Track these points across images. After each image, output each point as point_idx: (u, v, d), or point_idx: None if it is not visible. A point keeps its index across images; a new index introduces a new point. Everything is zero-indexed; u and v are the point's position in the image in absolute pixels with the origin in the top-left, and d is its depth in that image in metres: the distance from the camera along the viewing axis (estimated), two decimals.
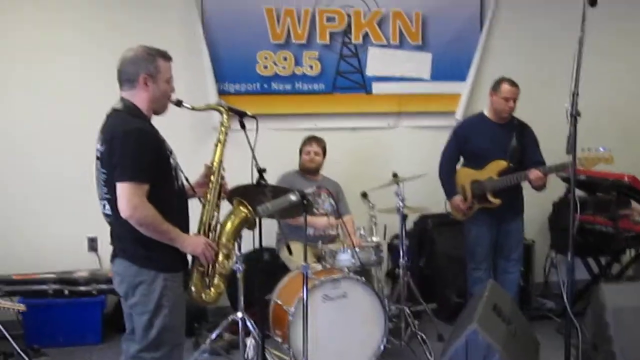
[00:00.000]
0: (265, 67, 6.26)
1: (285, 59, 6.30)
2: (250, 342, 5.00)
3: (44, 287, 5.63)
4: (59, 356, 5.23)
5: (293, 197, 3.75)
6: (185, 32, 6.02)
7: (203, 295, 3.47)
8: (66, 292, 5.65)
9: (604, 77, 6.68)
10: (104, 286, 5.68)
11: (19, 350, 4.66)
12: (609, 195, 5.74)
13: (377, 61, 6.53)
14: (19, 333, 5.31)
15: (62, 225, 6.00)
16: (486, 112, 5.55)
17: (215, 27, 6.11)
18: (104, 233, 5.69)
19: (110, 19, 5.95)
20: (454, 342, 3.06)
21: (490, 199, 5.36)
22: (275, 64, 6.28)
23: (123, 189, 3.13)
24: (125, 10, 5.99)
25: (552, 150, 5.25)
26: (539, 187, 5.26)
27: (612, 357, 3.47)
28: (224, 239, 3.51)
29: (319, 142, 5.87)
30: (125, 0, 6.01)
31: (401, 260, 5.34)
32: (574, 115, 3.56)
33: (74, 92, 5.95)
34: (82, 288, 5.68)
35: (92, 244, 6.08)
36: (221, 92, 6.09)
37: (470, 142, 5.53)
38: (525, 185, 5.44)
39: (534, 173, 5.15)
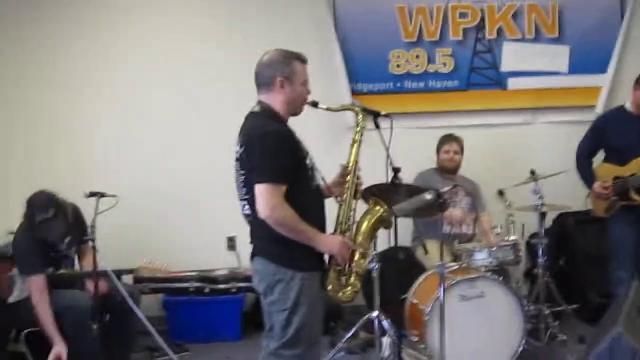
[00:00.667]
0: (398, 66, 6.27)
1: (417, 57, 6.29)
2: (385, 341, 5.02)
3: (185, 284, 5.84)
4: (199, 352, 5.39)
5: (429, 196, 3.72)
6: (318, 34, 6.12)
7: (340, 294, 3.47)
8: (207, 290, 5.83)
9: None
10: (242, 284, 5.83)
11: (164, 345, 4.82)
12: None
13: (513, 56, 6.42)
14: (163, 329, 5.50)
15: (203, 225, 6.23)
16: (628, 106, 5.33)
17: (348, 28, 6.18)
18: (242, 232, 5.89)
19: (246, 28, 6.14)
20: (597, 345, 2.96)
21: (634, 196, 5.15)
22: (407, 62, 6.28)
23: (261, 190, 3.19)
24: (260, 17, 6.16)
25: None
26: None
27: None
28: (360, 238, 3.51)
29: (458, 140, 5.80)
30: (260, 7, 6.17)
31: (540, 259, 5.21)
32: None
33: (213, 98, 6.18)
34: (222, 286, 5.85)
35: (231, 243, 6.27)
36: (354, 92, 6.15)
37: (611, 137, 5.33)
38: None
39: None
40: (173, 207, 6.22)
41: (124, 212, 4.72)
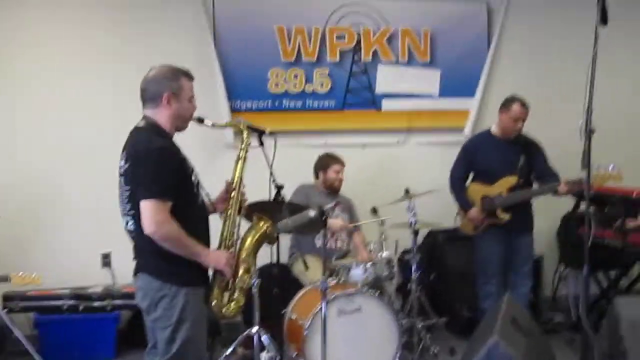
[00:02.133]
0: (277, 85, 6.36)
1: (296, 76, 6.39)
2: (264, 356, 5.05)
3: (58, 302, 5.68)
4: None
5: (312, 213, 3.81)
6: (198, 50, 6.12)
7: (224, 309, 3.51)
8: (81, 307, 5.70)
9: (615, 93, 6.74)
10: (118, 302, 5.75)
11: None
12: (617, 210, 5.81)
13: (387, 78, 6.63)
14: (35, 349, 5.33)
15: (76, 241, 6.08)
16: (494, 129, 5.61)
17: (227, 46, 6.22)
18: (117, 249, 5.87)
19: (124, 45, 6.09)
20: (474, 355, 3.11)
21: (500, 214, 5.42)
22: (286, 81, 6.38)
23: (147, 207, 3.19)
24: (139, 29, 6.10)
25: (562, 167, 5.35)
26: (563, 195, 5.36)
27: None
28: (244, 254, 3.56)
29: (341, 162, 5.90)
30: (138, 19, 6.12)
31: (414, 274, 5.38)
32: (589, 131, 3.62)
33: (88, 114, 6.07)
34: (97, 304, 5.73)
35: (106, 260, 6.15)
36: (233, 110, 6.19)
37: (479, 159, 5.59)
38: (534, 199, 5.53)
39: (563, 187, 5.23)
40: (46, 221, 6.04)
41: None
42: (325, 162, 5.91)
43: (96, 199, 5.95)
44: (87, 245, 6.10)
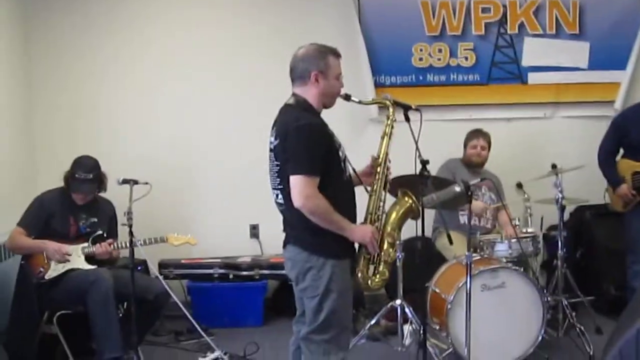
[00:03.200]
0: (421, 59, 6.38)
1: (440, 50, 6.39)
2: (407, 328, 5.13)
3: (210, 271, 5.98)
4: (224, 336, 5.47)
5: (457, 189, 3.82)
6: (343, 27, 6.21)
7: (369, 282, 3.58)
8: (230, 276, 5.97)
9: None
10: (265, 271, 5.98)
11: (198, 328, 4.92)
12: None
13: (533, 51, 6.51)
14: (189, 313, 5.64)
15: (227, 213, 6.35)
16: None
17: (372, 22, 6.29)
18: (265, 221, 6.08)
19: (272, 22, 6.29)
20: (622, 335, 3.03)
21: None
22: (430, 55, 6.39)
23: (296, 181, 3.30)
24: (286, 12, 6.29)
25: None
26: None
27: None
28: (388, 228, 3.60)
29: (485, 136, 5.88)
30: (286, 2, 6.27)
31: (559, 251, 5.29)
32: None
33: (239, 91, 6.34)
34: (245, 273, 5.98)
35: (254, 231, 6.38)
36: (377, 85, 6.27)
37: (631, 133, 5.41)
38: None
39: None
40: (197, 195, 6.36)
41: (149, 199, 4.82)
42: (467, 138, 5.91)
43: (246, 172, 6.18)
44: (237, 216, 6.37)
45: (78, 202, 4.97)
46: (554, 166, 5.30)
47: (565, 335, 5.25)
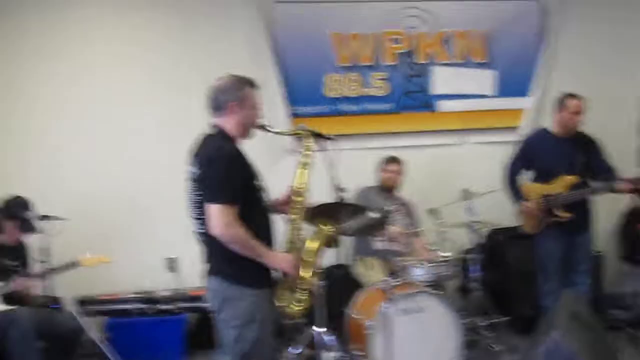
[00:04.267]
0: (333, 89, 6.47)
1: (353, 80, 6.50)
2: (328, 356, 5.15)
3: (128, 306, 5.89)
4: None
5: (375, 215, 3.89)
6: (256, 58, 6.25)
7: (290, 310, 3.62)
8: (149, 310, 5.88)
9: None
10: (185, 304, 5.91)
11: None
12: None
13: (442, 80, 6.70)
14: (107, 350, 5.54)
15: (144, 247, 6.28)
16: (551, 128, 5.60)
17: (284, 53, 6.35)
18: (184, 254, 6.03)
19: (186, 54, 6.30)
20: (535, 351, 3.15)
21: (560, 213, 5.41)
22: (342, 85, 6.48)
23: (215, 210, 3.31)
24: (197, 36, 6.31)
25: (621, 164, 5.34)
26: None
27: None
28: (308, 257, 3.65)
29: (398, 162, 5.99)
30: (199, 32, 6.30)
31: (474, 273, 5.41)
32: None
33: (155, 121, 6.34)
34: (164, 307, 5.90)
35: (173, 265, 6.32)
36: (292, 115, 6.32)
37: (538, 156, 5.58)
38: (595, 198, 5.52)
39: (622, 185, 5.21)
40: (116, 229, 6.24)
41: (67, 234, 4.75)
42: (381, 163, 6.01)
43: (162, 205, 6.13)
44: (155, 250, 6.29)
45: (5, 242, 4.86)
46: (465, 191, 5.43)
47: (483, 356, 5.37)
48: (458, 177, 6.31)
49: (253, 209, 3.47)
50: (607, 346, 3.98)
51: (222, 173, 3.34)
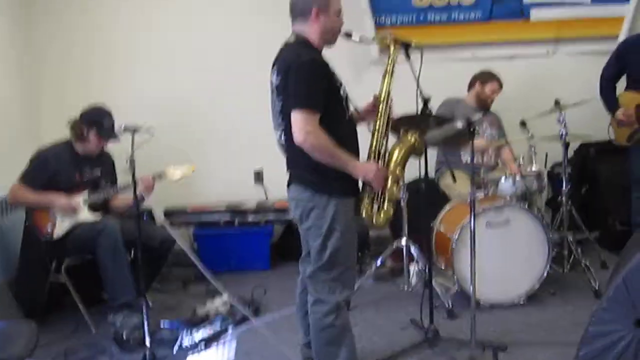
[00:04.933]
0: None
1: None
2: (413, 268, 5.16)
3: (215, 217, 6.02)
4: (232, 281, 5.43)
5: (459, 125, 3.79)
6: None
7: (373, 219, 3.58)
8: (236, 222, 6.00)
9: None
10: (270, 216, 6.01)
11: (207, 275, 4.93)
12: None
13: None
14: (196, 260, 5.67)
15: (230, 159, 6.38)
16: None
17: None
18: (269, 166, 6.08)
19: None
20: (626, 265, 3.05)
21: None
22: None
23: (297, 117, 3.27)
24: None
25: None
26: None
27: None
28: (392, 166, 3.59)
29: (499, 81, 5.84)
30: None
31: (564, 187, 5.29)
32: None
33: (240, 33, 6.32)
34: (251, 218, 6.01)
35: (258, 177, 6.38)
36: (378, 24, 6.20)
37: (633, 62, 5.35)
38: None
39: None
40: (200, 142, 6.33)
41: (155, 146, 4.79)
42: (486, 77, 5.84)
43: (248, 117, 6.15)
44: (241, 163, 6.38)
45: (89, 152, 4.96)
46: (557, 102, 5.26)
47: (571, 271, 5.30)
48: (550, 89, 6.07)
49: (337, 119, 3.42)
50: None
51: (303, 80, 3.28)
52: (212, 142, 6.37)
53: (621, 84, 5.60)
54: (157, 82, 6.29)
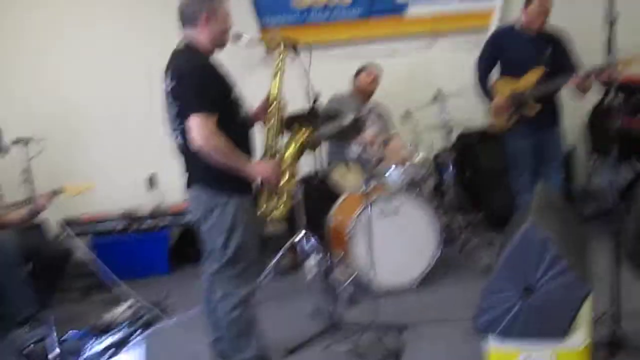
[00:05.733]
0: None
1: None
2: (312, 260, 5.31)
3: (111, 225, 6.00)
4: (134, 287, 5.37)
5: (349, 118, 3.97)
6: None
7: (272, 213, 3.74)
8: (132, 228, 6.01)
9: None
10: (166, 220, 6.05)
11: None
12: None
13: None
14: (94, 270, 5.65)
15: (124, 165, 6.36)
16: (518, 25, 5.65)
17: None
18: (163, 170, 6.10)
19: None
20: (510, 239, 3.29)
21: (530, 106, 5.51)
22: None
23: (194, 121, 3.36)
24: None
25: (588, 56, 5.41)
26: (585, 89, 5.39)
27: None
28: (288, 160, 3.76)
29: (374, 69, 6.09)
30: None
31: (449, 172, 5.54)
32: (612, 20, 3.69)
33: (128, 39, 6.31)
34: (147, 224, 6.03)
35: (152, 181, 6.40)
36: (262, 26, 6.32)
37: (506, 50, 5.64)
38: (563, 90, 5.61)
39: (577, 76, 5.28)
40: (93, 151, 6.29)
41: (45, 157, 4.78)
42: (361, 68, 6.10)
43: (139, 122, 6.16)
44: (134, 168, 6.38)
45: None
46: (437, 92, 5.51)
47: (461, 252, 5.57)
48: (430, 81, 6.35)
49: (231, 120, 3.52)
50: (579, 234, 4.14)
51: (197, 85, 3.38)
52: (104, 150, 6.33)
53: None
54: (44, 92, 6.18)
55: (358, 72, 6.10)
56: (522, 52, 5.54)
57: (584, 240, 4.17)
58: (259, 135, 3.78)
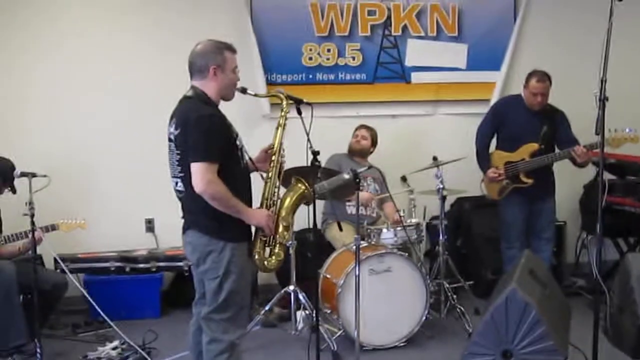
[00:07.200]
0: (310, 59, 6.64)
1: (329, 50, 6.67)
2: (300, 314, 5.38)
3: (106, 264, 6.07)
4: (122, 328, 5.36)
5: (346, 176, 4.09)
6: (236, 27, 6.36)
7: (265, 262, 3.82)
8: (127, 269, 6.07)
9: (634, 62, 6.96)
10: (161, 264, 6.11)
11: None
12: (638, 178, 6.04)
13: (416, 52, 6.87)
14: (85, 307, 5.73)
15: (123, 208, 6.44)
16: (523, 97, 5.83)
17: (264, 23, 6.51)
18: (160, 214, 6.21)
19: (167, 21, 6.41)
20: (494, 302, 3.39)
21: (523, 178, 5.65)
22: (319, 55, 6.65)
23: (197, 168, 3.49)
24: (182, 10, 6.45)
25: (581, 134, 5.58)
26: (583, 163, 5.54)
27: (636, 318, 3.78)
28: (283, 212, 3.85)
29: (369, 129, 6.25)
30: (180, 2, 6.47)
31: (441, 237, 5.64)
32: (602, 100, 3.85)
33: (136, 86, 6.43)
34: (142, 265, 6.09)
35: (150, 225, 6.50)
36: (269, 82, 6.47)
37: (506, 122, 5.81)
38: (557, 168, 5.76)
39: (578, 148, 5.43)
40: (94, 190, 6.40)
41: (47, 193, 4.86)
42: (356, 129, 6.29)
43: (141, 168, 6.29)
44: (132, 211, 6.47)
45: None
46: (434, 158, 5.66)
47: (447, 316, 5.65)
48: (429, 147, 6.50)
49: (233, 167, 3.66)
50: (562, 305, 4.23)
51: (202, 133, 3.50)
52: (103, 191, 6.43)
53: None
54: (49, 132, 6.30)
55: (354, 132, 6.29)
56: (520, 127, 5.72)
57: (566, 312, 4.26)
58: (259, 184, 3.89)
